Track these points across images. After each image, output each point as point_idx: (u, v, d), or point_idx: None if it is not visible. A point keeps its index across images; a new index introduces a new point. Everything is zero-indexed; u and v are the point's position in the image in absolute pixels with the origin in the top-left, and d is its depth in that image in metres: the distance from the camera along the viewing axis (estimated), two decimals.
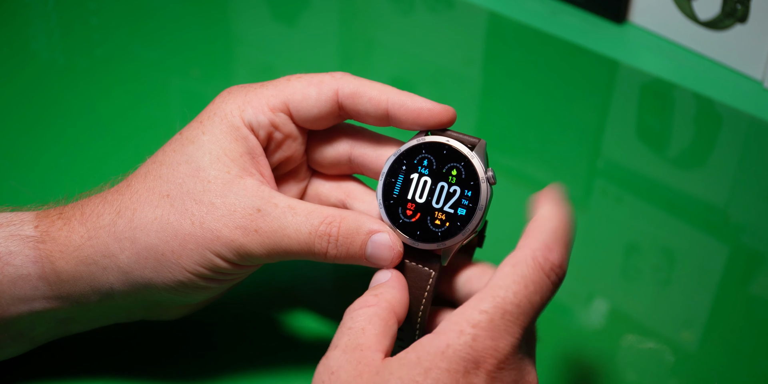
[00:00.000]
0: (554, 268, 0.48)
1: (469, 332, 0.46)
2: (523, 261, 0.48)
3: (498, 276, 0.48)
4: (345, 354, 0.48)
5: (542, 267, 0.48)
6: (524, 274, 0.48)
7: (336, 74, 0.57)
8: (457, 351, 0.46)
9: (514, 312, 0.47)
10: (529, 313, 0.48)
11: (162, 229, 0.54)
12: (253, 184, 0.54)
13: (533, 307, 0.48)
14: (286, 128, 0.57)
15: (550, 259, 0.48)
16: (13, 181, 0.72)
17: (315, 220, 0.54)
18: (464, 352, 0.46)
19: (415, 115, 0.55)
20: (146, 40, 0.88)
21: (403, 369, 0.46)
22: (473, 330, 0.46)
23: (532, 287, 0.47)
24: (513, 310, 0.47)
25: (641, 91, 0.86)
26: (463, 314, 0.47)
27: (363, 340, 0.48)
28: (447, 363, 0.46)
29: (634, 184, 0.76)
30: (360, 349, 0.48)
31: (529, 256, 0.48)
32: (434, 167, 0.55)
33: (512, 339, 0.47)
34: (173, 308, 0.58)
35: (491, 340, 0.46)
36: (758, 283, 0.69)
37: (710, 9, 0.83)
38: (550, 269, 0.48)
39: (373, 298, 0.51)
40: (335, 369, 0.48)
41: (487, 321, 0.46)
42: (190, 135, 0.56)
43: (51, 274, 0.55)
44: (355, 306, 0.51)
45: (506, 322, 0.47)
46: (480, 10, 0.92)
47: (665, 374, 0.63)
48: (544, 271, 0.48)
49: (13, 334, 0.56)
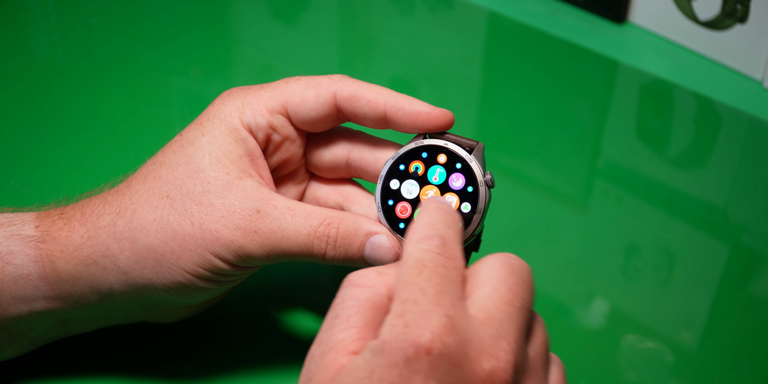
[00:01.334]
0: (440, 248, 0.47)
1: (399, 322, 0.44)
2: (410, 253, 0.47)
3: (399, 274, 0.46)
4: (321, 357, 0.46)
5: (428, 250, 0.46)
6: (417, 258, 0.46)
7: (334, 77, 0.57)
8: (392, 344, 0.44)
9: (430, 286, 0.45)
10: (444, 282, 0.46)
11: (162, 230, 0.54)
12: (253, 185, 0.54)
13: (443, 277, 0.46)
14: (285, 130, 0.57)
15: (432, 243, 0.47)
16: (13, 181, 0.72)
17: (314, 221, 0.54)
18: (399, 342, 0.44)
19: (413, 119, 0.55)
20: (146, 40, 0.88)
21: (351, 375, 0.44)
22: (402, 318, 0.44)
23: (431, 264, 0.46)
24: (428, 285, 0.45)
25: (641, 91, 0.86)
26: (390, 313, 0.45)
27: (342, 336, 0.46)
28: (386, 359, 0.44)
29: (634, 184, 0.76)
30: (334, 351, 0.46)
31: (413, 249, 0.47)
32: None
33: (442, 309, 0.44)
34: (173, 310, 0.58)
35: (422, 318, 0.44)
36: (758, 283, 0.69)
37: (710, 9, 0.83)
38: (437, 249, 0.46)
39: (375, 275, 0.48)
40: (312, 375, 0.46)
41: (412, 304, 0.44)
42: (189, 136, 0.56)
43: (51, 273, 0.55)
44: (353, 280, 0.48)
45: (429, 296, 0.45)
46: (480, 10, 0.92)
47: (665, 374, 0.63)
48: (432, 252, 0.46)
49: (13, 335, 0.56)
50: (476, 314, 0.46)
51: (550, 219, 0.74)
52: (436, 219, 0.48)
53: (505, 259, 0.48)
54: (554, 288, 0.67)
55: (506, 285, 0.47)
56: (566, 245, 0.72)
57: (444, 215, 0.49)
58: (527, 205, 0.75)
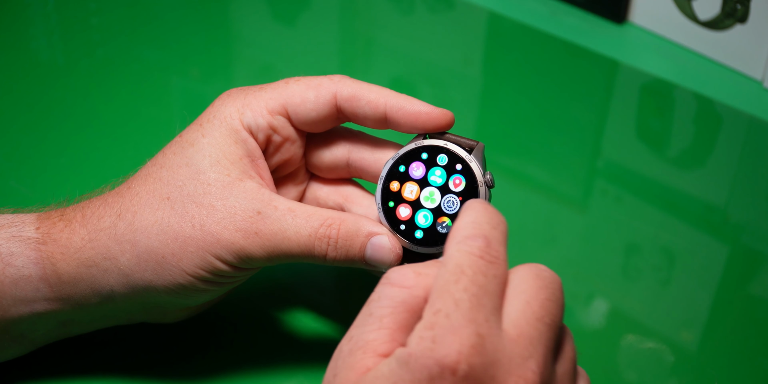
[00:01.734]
0: (484, 249, 0.46)
1: (428, 335, 0.43)
2: (451, 255, 0.46)
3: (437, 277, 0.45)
4: (349, 355, 0.45)
5: (471, 253, 0.45)
6: (457, 263, 0.45)
7: (334, 77, 0.57)
8: (418, 359, 0.43)
9: (465, 298, 0.44)
10: (481, 294, 0.44)
11: (162, 232, 0.54)
12: (253, 186, 0.54)
13: (481, 287, 0.45)
14: (285, 131, 0.57)
15: (475, 244, 0.46)
16: (13, 181, 0.72)
17: (315, 222, 0.54)
18: (425, 358, 0.43)
19: (413, 119, 0.55)
20: (146, 40, 0.88)
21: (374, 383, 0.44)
22: (431, 332, 0.43)
23: (471, 270, 0.45)
24: (463, 296, 0.44)
25: (641, 91, 0.86)
26: (421, 322, 0.44)
27: (373, 337, 0.45)
28: (410, 374, 0.43)
29: (634, 184, 0.76)
30: (362, 351, 0.45)
31: (455, 250, 0.46)
32: None
33: (474, 325, 0.43)
34: (173, 311, 0.58)
35: (452, 335, 0.43)
36: (758, 283, 0.69)
37: (710, 9, 0.83)
38: (480, 251, 0.45)
39: (414, 276, 0.47)
40: (337, 371, 0.46)
41: (444, 318, 0.43)
42: (189, 138, 0.56)
43: (52, 275, 0.55)
44: (392, 278, 0.47)
45: (462, 310, 0.44)
46: (480, 10, 0.92)
47: (665, 374, 0.63)
48: (475, 255, 0.45)
49: (14, 336, 0.56)
50: (507, 330, 0.45)
51: (550, 219, 0.74)
52: (481, 218, 0.47)
53: (536, 271, 0.47)
54: None
55: (538, 300, 0.46)
56: (566, 245, 0.72)
57: (489, 214, 0.47)
58: (527, 205, 0.75)
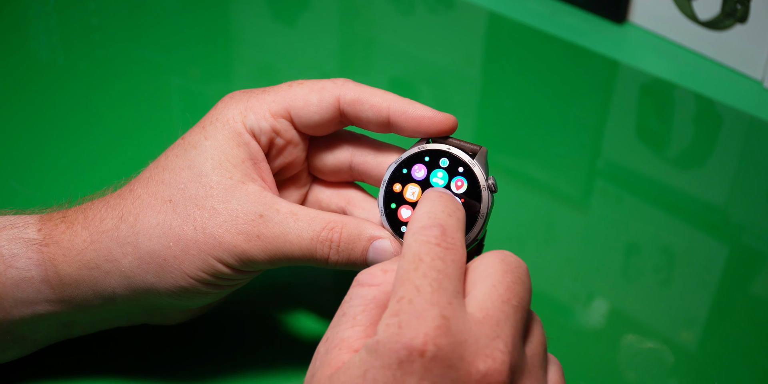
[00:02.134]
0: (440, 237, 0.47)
1: (393, 322, 0.44)
2: (409, 245, 0.47)
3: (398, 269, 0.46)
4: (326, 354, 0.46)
5: (427, 241, 0.46)
6: (414, 251, 0.46)
7: (338, 81, 0.57)
8: (386, 344, 0.44)
9: (425, 283, 0.45)
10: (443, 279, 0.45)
11: (164, 235, 0.54)
12: (255, 189, 0.54)
13: (440, 272, 0.45)
14: (288, 134, 0.57)
15: (431, 233, 0.47)
16: (14, 182, 0.72)
17: (317, 225, 0.54)
18: (392, 343, 0.43)
19: (416, 123, 0.55)
20: (146, 40, 0.88)
21: (346, 374, 0.45)
22: (396, 318, 0.44)
23: (427, 258, 0.46)
24: (423, 281, 0.45)
25: (641, 91, 0.86)
26: (386, 311, 0.45)
27: (347, 334, 0.46)
28: (380, 360, 0.44)
29: (634, 184, 0.76)
30: (338, 348, 0.46)
31: (412, 240, 0.47)
32: None
33: (438, 308, 0.44)
34: (174, 313, 0.58)
35: (416, 319, 0.44)
36: (758, 283, 0.69)
37: (710, 9, 0.83)
38: (436, 239, 0.46)
39: (381, 274, 0.48)
40: (315, 371, 0.46)
41: (407, 303, 0.44)
42: (192, 140, 0.56)
43: (54, 277, 0.55)
44: (361, 279, 0.48)
45: (423, 294, 0.44)
46: (480, 10, 0.92)
47: (665, 374, 0.63)
48: (430, 242, 0.46)
49: (15, 337, 0.56)
50: (473, 313, 0.46)
51: (550, 219, 0.74)
52: (436, 207, 0.49)
53: (502, 257, 0.48)
54: (554, 288, 0.68)
55: (504, 283, 0.47)
56: (566, 245, 0.72)
57: (444, 203, 0.49)
58: (527, 205, 0.75)
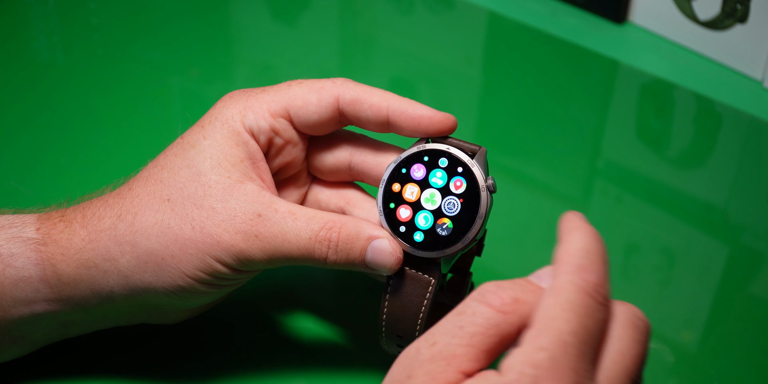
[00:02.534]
0: (596, 288, 0.44)
1: (530, 373, 0.42)
2: (563, 287, 0.43)
3: (544, 307, 0.43)
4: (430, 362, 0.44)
5: (584, 289, 0.43)
6: (569, 299, 0.43)
7: (337, 80, 0.57)
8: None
9: (573, 343, 0.42)
10: (587, 341, 0.43)
11: (162, 234, 0.54)
12: (254, 189, 0.54)
13: (588, 333, 0.43)
14: (287, 134, 0.57)
15: (589, 279, 0.44)
16: (13, 182, 0.72)
17: (315, 225, 0.54)
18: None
19: (416, 123, 0.55)
20: (146, 40, 0.88)
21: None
22: (534, 371, 0.42)
23: (582, 311, 0.43)
24: (571, 340, 0.42)
25: (641, 91, 0.86)
26: (523, 353, 0.42)
27: (460, 352, 0.44)
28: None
29: (634, 184, 0.76)
30: (446, 363, 0.43)
31: (567, 282, 0.43)
32: None
33: (575, 375, 0.42)
34: (173, 312, 0.58)
35: (554, 381, 0.41)
36: (758, 283, 0.69)
37: (710, 9, 0.83)
38: (593, 290, 0.43)
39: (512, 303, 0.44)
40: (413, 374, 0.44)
41: (548, 359, 0.42)
42: (191, 139, 0.56)
43: (52, 276, 0.55)
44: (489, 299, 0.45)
45: (568, 356, 0.42)
46: (480, 10, 0.92)
47: (665, 374, 0.63)
48: (587, 293, 0.43)
49: (14, 337, 0.56)
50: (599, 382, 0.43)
51: (550, 219, 0.74)
52: (593, 246, 0.45)
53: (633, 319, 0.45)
54: None
55: (631, 354, 0.44)
56: None
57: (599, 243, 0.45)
58: (527, 205, 0.75)
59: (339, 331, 0.62)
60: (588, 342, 0.43)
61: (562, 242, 0.45)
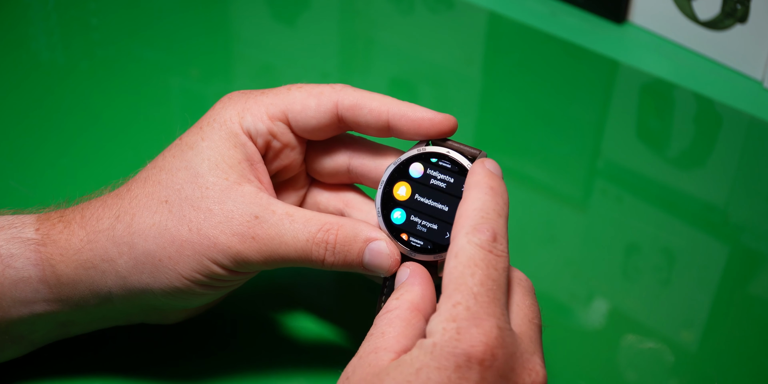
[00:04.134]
0: (490, 243, 0.49)
1: (451, 327, 0.46)
2: (461, 248, 0.49)
3: (449, 270, 0.49)
4: (360, 359, 0.49)
5: (480, 245, 0.49)
6: (468, 256, 0.48)
7: (336, 86, 0.56)
8: (443, 347, 0.46)
9: (482, 291, 0.47)
10: (495, 288, 0.48)
11: (160, 235, 0.54)
12: (251, 190, 0.54)
13: (495, 281, 0.48)
14: (285, 137, 0.57)
15: (483, 237, 0.49)
16: (13, 182, 0.72)
17: (312, 227, 0.54)
18: (451, 347, 0.46)
19: (417, 125, 0.55)
20: (146, 40, 0.88)
21: (398, 370, 0.47)
22: (454, 323, 0.47)
23: (483, 264, 0.48)
24: (480, 290, 0.47)
25: (641, 91, 0.86)
26: (440, 313, 0.47)
27: (380, 343, 0.49)
28: (436, 361, 0.46)
29: (634, 184, 0.76)
30: (375, 352, 0.48)
31: (464, 242, 0.49)
32: None
33: (494, 319, 0.47)
34: (172, 313, 0.58)
35: (475, 327, 0.46)
36: (758, 283, 0.69)
37: (710, 9, 0.83)
38: (488, 245, 0.49)
39: (395, 301, 0.51)
40: (350, 374, 0.49)
41: (464, 310, 0.47)
42: (189, 141, 0.56)
43: (51, 277, 0.55)
44: (380, 313, 0.51)
45: (481, 303, 0.47)
46: (480, 10, 0.92)
47: (665, 374, 0.63)
48: (484, 248, 0.49)
49: (13, 337, 0.56)
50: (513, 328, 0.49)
51: (550, 219, 0.74)
52: (488, 205, 0.50)
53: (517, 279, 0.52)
54: (554, 288, 0.67)
55: (525, 303, 0.51)
56: (566, 245, 0.72)
57: (495, 199, 0.51)
58: (527, 205, 0.75)
59: (338, 331, 0.62)
60: (496, 289, 0.48)
61: (461, 202, 0.51)
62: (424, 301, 0.51)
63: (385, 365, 0.48)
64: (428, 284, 0.53)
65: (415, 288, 0.52)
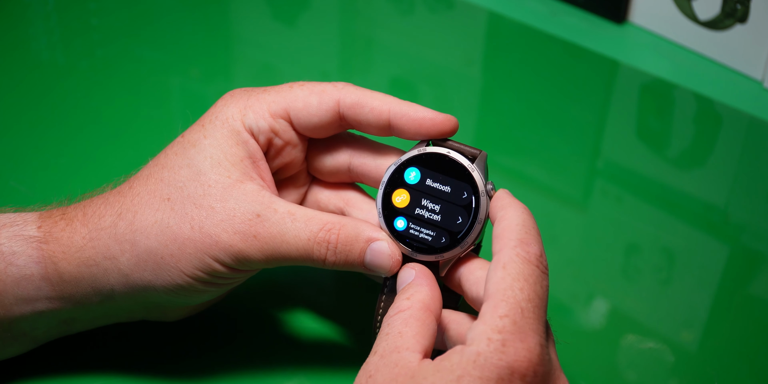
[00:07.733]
0: (538, 258, 0.50)
1: (497, 338, 0.47)
2: (510, 260, 0.49)
3: (496, 280, 0.49)
4: (383, 358, 0.49)
5: (529, 260, 0.49)
6: (518, 270, 0.49)
7: (338, 84, 0.56)
8: (488, 358, 0.47)
9: (529, 308, 0.48)
10: (541, 305, 0.49)
11: (162, 233, 0.54)
12: (254, 188, 0.54)
13: (541, 299, 0.49)
14: (286, 135, 0.57)
15: (531, 251, 0.50)
16: (14, 182, 0.72)
17: (314, 226, 0.54)
18: (496, 359, 0.47)
19: (418, 125, 0.55)
20: (146, 40, 0.88)
21: (437, 375, 0.47)
22: (500, 335, 0.47)
23: (532, 279, 0.49)
24: (528, 306, 0.48)
25: (641, 91, 0.86)
26: (485, 323, 0.48)
27: (400, 343, 0.49)
28: (479, 371, 0.46)
29: (634, 184, 0.76)
30: (397, 351, 0.49)
31: (513, 254, 0.49)
32: None
33: (538, 336, 0.48)
34: (174, 310, 0.58)
35: (520, 342, 0.47)
36: (758, 283, 0.69)
37: (710, 9, 0.83)
38: (536, 260, 0.49)
39: (406, 301, 0.51)
40: (373, 372, 0.49)
41: (511, 324, 0.47)
42: (191, 138, 0.56)
43: (54, 274, 0.55)
44: (390, 313, 0.51)
45: (527, 319, 0.48)
46: (480, 10, 0.92)
47: (665, 374, 0.63)
48: (533, 263, 0.49)
49: (15, 334, 0.56)
50: None
51: (550, 219, 0.74)
52: (529, 223, 0.51)
53: None
54: (554, 288, 0.67)
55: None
56: (566, 245, 0.72)
57: (532, 219, 0.52)
58: (527, 205, 0.75)
59: (338, 330, 0.62)
60: (541, 307, 0.49)
61: (500, 219, 0.51)
62: (433, 302, 0.52)
63: (414, 366, 0.48)
64: (435, 285, 0.53)
65: (424, 288, 0.52)
